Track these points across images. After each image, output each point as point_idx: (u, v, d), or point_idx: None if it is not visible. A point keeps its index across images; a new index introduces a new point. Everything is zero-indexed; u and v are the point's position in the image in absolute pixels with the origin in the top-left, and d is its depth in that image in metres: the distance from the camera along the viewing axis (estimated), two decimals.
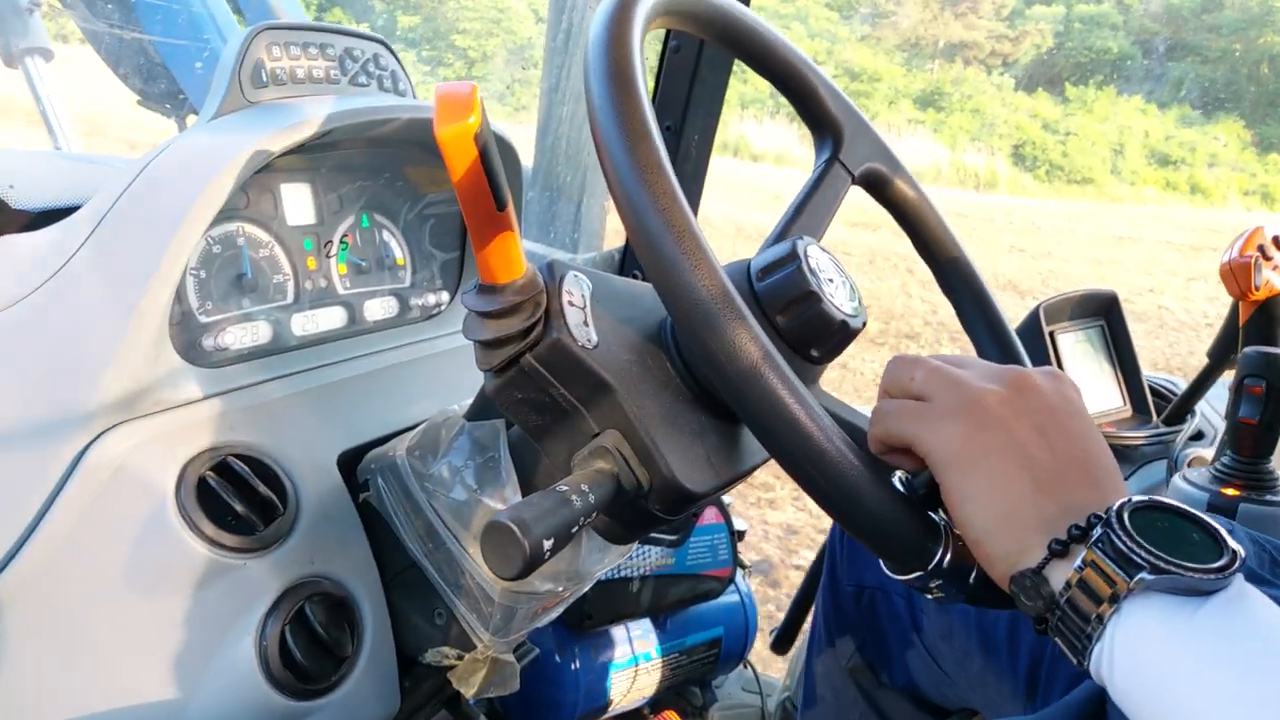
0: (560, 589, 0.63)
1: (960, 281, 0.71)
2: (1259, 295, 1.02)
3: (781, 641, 1.49)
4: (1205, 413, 1.28)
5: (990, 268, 7.46)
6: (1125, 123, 17.75)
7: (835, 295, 0.54)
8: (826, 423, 0.43)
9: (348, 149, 0.77)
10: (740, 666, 1.46)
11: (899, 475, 0.48)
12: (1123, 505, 0.40)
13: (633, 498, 0.51)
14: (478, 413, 0.63)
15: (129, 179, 0.59)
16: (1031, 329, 1.27)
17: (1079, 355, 1.32)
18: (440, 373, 0.80)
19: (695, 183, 1.26)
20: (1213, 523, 0.41)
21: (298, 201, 0.73)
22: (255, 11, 1.36)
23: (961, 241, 0.72)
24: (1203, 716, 0.35)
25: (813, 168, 0.67)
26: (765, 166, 12.96)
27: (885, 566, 0.47)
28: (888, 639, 0.93)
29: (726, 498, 1.41)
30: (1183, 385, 1.33)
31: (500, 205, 0.47)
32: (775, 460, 0.45)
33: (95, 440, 0.55)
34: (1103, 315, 1.35)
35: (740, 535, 1.34)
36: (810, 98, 0.66)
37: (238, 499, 0.59)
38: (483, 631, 0.63)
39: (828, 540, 1.07)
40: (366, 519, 0.67)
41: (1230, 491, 0.91)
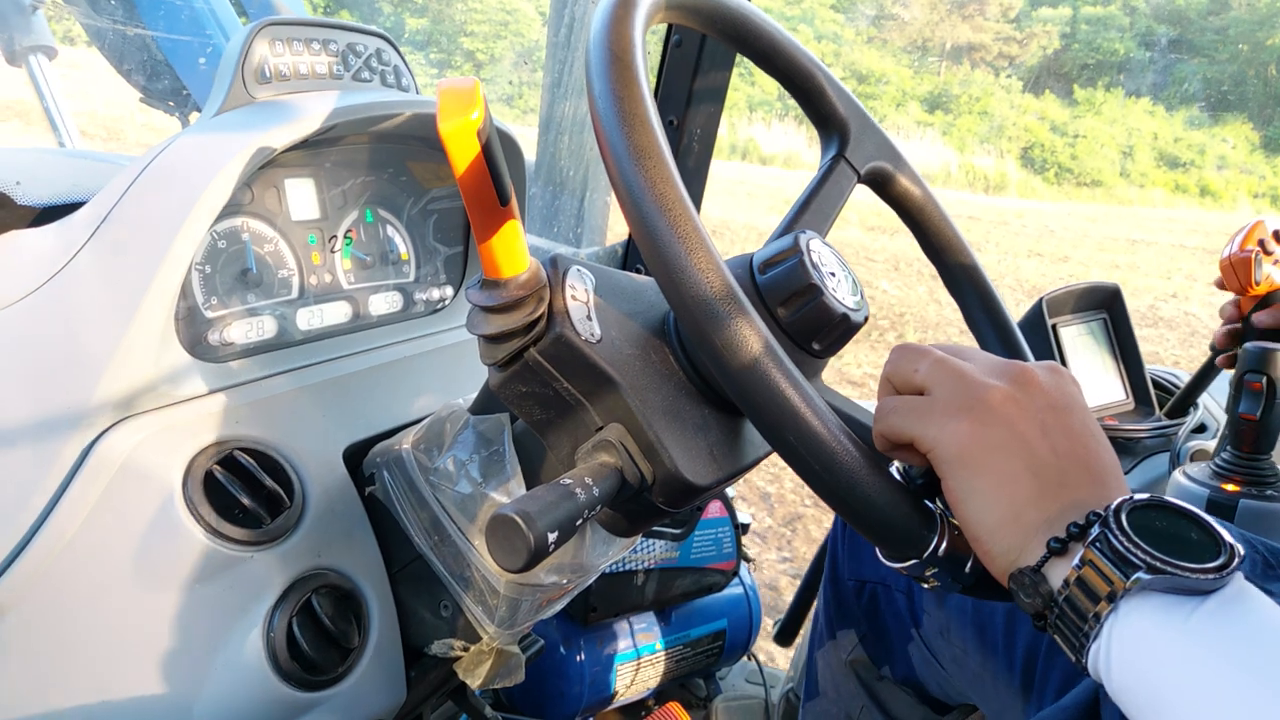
0: (565, 581, 0.64)
1: (966, 279, 0.71)
2: (1259, 290, 1.02)
3: (785, 634, 1.49)
4: (1208, 405, 1.28)
5: (1014, 273, 7.43)
6: (1134, 125, 17.65)
7: (837, 289, 0.54)
8: (825, 412, 0.43)
9: (351, 144, 0.77)
10: (744, 658, 1.47)
11: (896, 465, 0.49)
12: (1121, 504, 0.40)
13: (636, 491, 0.51)
14: (482, 407, 0.63)
15: (134, 175, 0.59)
16: (1034, 321, 1.27)
17: (1081, 348, 1.32)
18: (445, 367, 0.80)
19: (697, 178, 1.26)
20: (1212, 522, 0.41)
21: (302, 197, 0.73)
22: (257, 8, 1.36)
23: (967, 240, 0.72)
24: (1198, 716, 0.35)
25: (818, 166, 0.67)
26: (775, 169, 12.92)
27: (881, 554, 0.47)
28: (888, 633, 0.93)
29: (730, 491, 1.41)
30: (1185, 378, 1.33)
31: (503, 200, 0.47)
32: (774, 450, 0.45)
33: (101, 435, 0.56)
34: (1105, 308, 1.35)
35: (744, 528, 1.34)
36: (817, 95, 0.66)
37: (244, 493, 0.59)
38: (488, 623, 0.64)
39: (830, 535, 1.07)
40: (372, 512, 0.67)
41: (1230, 487, 0.91)
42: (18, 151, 0.81)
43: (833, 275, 0.55)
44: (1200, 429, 1.25)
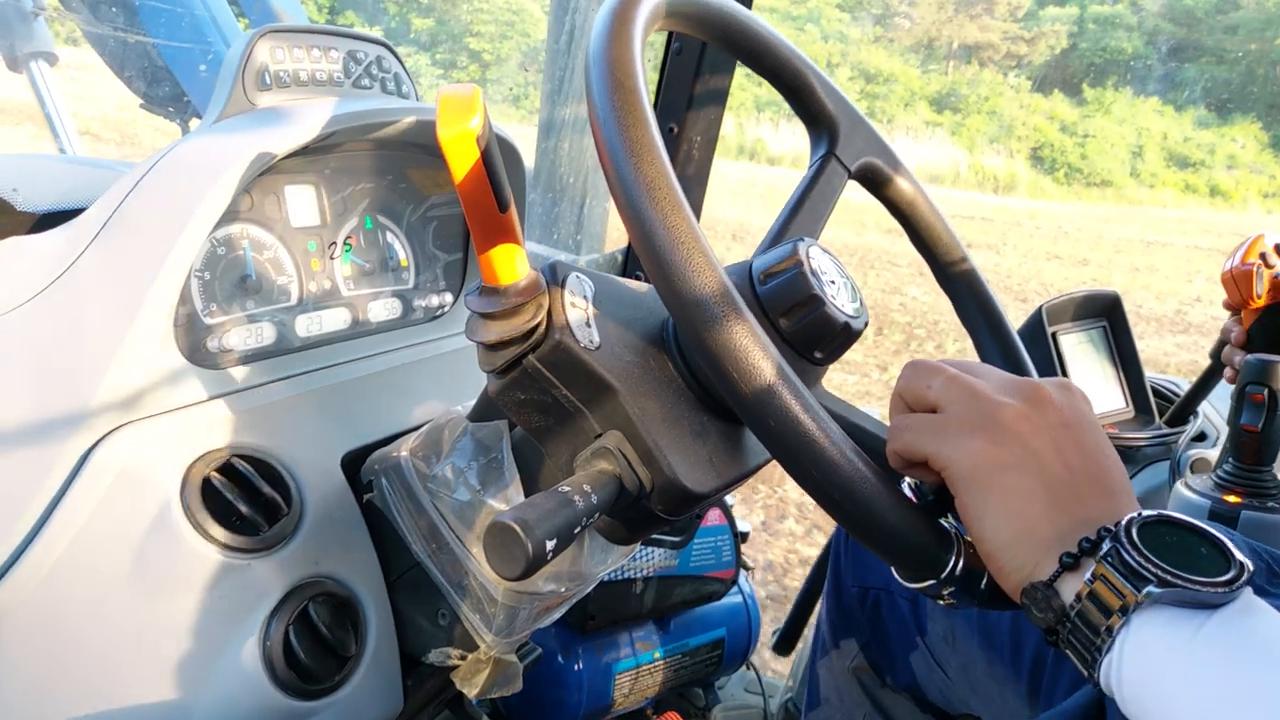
0: (563, 589, 0.63)
1: (958, 277, 0.71)
2: (1260, 303, 1.03)
3: (784, 643, 1.49)
4: (1208, 414, 1.28)
5: (1037, 277, 7.36)
6: (1143, 124, 17.62)
7: (837, 298, 0.54)
8: (837, 434, 0.43)
9: (351, 151, 0.77)
10: (743, 668, 1.46)
11: (907, 481, 0.49)
12: (1132, 520, 0.41)
13: (635, 498, 0.51)
14: (481, 414, 0.63)
15: (134, 182, 0.59)
16: (1034, 330, 1.27)
17: (1081, 356, 1.32)
18: (443, 374, 0.80)
19: (697, 185, 1.26)
20: (1221, 536, 0.41)
21: (302, 203, 0.73)
22: (258, 14, 1.37)
23: (959, 235, 0.72)
24: None
25: (807, 164, 0.67)
26: (783, 169, 12.90)
27: (897, 574, 0.47)
28: (892, 641, 0.93)
29: (729, 499, 1.41)
30: (1185, 386, 1.33)
31: (503, 207, 0.47)
32: (787, 473, 0.45)
33: (100, 441, 0.55)
34: (1105, 316, 1.35)
35: (743, 537, 1.34)
36: (805, 93, 0.66)
37: (242, 500, 0.59)
38: (486, 632, 0.63)
39: (832, 541, 1.07)
40: (370, 520, 0.67)
41: (1232, 499, 0.91)
42: (15, 158, 0.81)
43: (833, 283, 0.55)
44: (1200, 437, 1.25)
